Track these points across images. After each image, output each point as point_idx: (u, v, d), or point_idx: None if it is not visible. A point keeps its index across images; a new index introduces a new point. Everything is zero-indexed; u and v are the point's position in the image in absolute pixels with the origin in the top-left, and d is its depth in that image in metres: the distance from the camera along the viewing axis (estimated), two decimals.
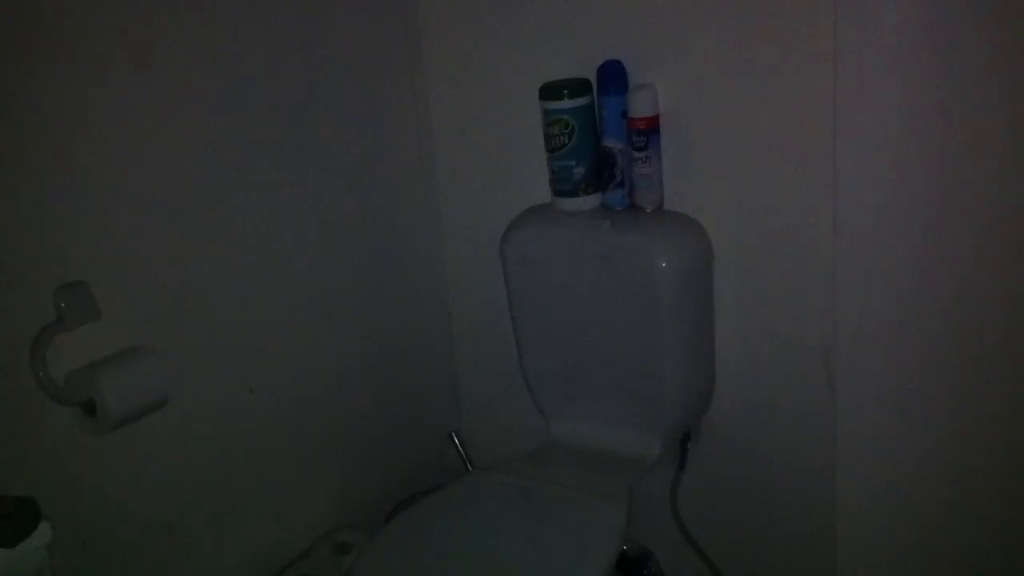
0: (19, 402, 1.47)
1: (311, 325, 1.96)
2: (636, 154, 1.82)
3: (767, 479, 1.98)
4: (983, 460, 1.71)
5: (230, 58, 1.74)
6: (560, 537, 1.72)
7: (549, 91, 1.84)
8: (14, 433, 1.47)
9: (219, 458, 1.80)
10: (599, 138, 1.85)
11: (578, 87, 1.83)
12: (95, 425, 1.51)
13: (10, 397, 1.47)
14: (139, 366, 1.55)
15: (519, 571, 1.65)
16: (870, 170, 1.65)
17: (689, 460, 2.01)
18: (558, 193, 1.90)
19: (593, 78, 1.84)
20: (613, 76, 1.81)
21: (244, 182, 1.79)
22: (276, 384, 1.89)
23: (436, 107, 2.15)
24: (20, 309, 1.47)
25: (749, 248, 1.84)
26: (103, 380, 1.49)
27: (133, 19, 1.57)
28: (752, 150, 1.78)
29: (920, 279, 1.66)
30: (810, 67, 1.67)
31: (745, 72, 1.74)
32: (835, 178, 1.68)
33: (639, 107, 1.79)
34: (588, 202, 1.89)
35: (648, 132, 1.80)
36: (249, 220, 1.80)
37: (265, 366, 1.87)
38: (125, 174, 1.59)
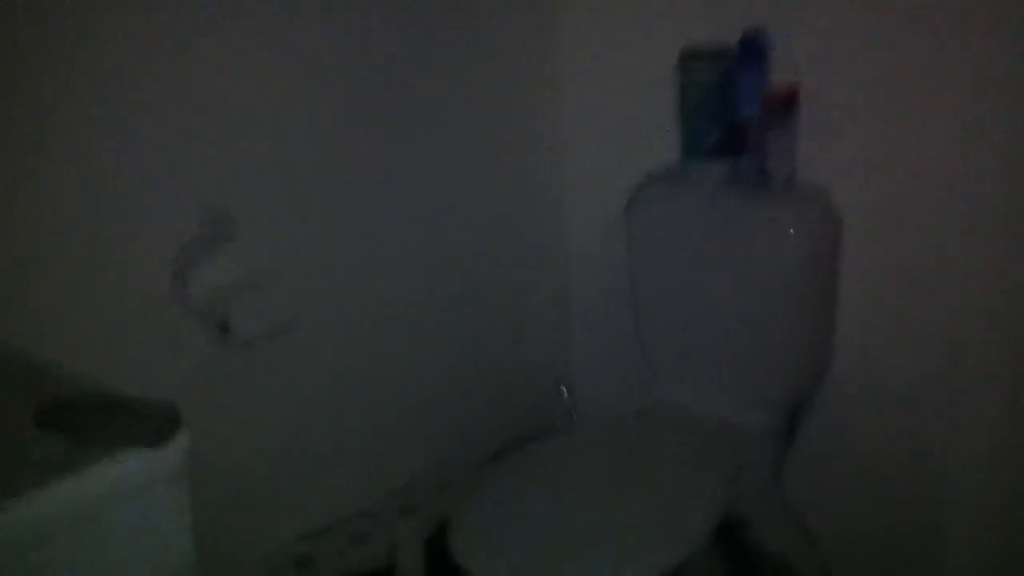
0: (159, 316, 1.56)
1: (434, 270, 2.01)
2: (772, 125, 1.80)
3: (875, 461, 1.96)
4: None
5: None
6: (661, 500, 1.73)
7: (689, 56, 1.84)
8: (153, 346, 1.56)
9: (337, 386, 1.87)
10: (735, 106, 1.84)
11: (719, 54, 1.82)
12: (229, 344, 1.59)
13: (151, 312, 1.55)
14: (273, 290, 1.62)
15: (616, 530, 1.66)
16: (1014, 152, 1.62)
17: (798, 434, 2.01)
18: (689, 158, 1.90)
19: (734, 45, 1.83)
20: (755, 45, 1.80)
21: (377, 119, 1.84)
22: (397, 320, 1.95)
23: (570, 63, 2.16)
24: (163, 227, 1.55)
25: (881, 226, 1.81)
26: (239, 300, 1.57)
27: None
28: (892, 127, 1.75)
29: None
30: (956, 43, 1.63)
31: (888, 49, 1.71)
32: (972, 160, 1.65)
33: (779, 77, 1.78)
34: (718, 170, 1.88)
35: (786, 103, 1.79)
36: (380, 159, 1.86)
37: (388, 303, 1.93)
38: (268, 108, 1.66)
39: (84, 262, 1.46)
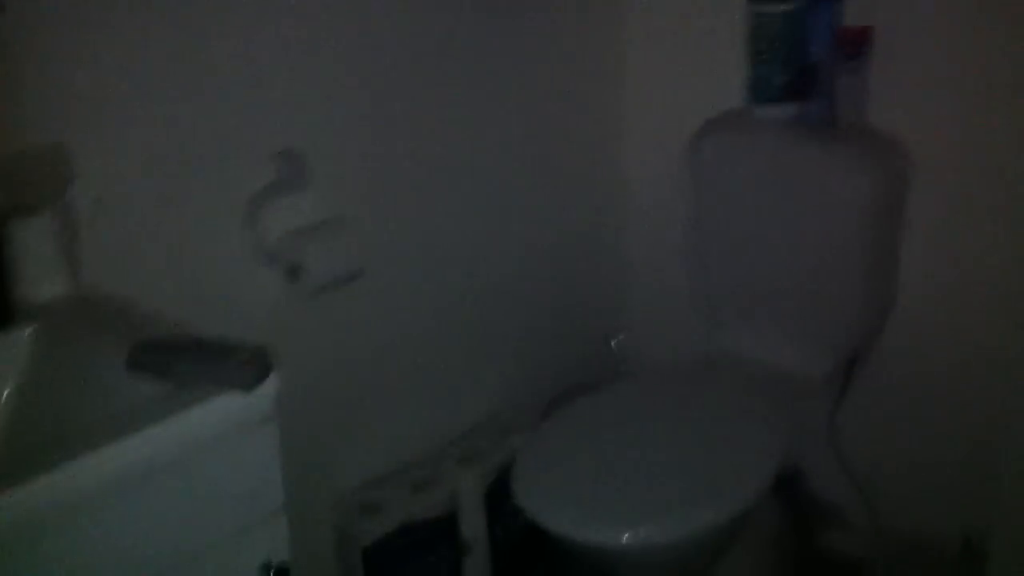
0: (232, 260, 1.55)
1: (494, 217, 2.00)
2: (842, 66, 1.77)
3: (931, 412, 1.94)
4: None
5: None
6: (722, 450, 1.72)
7: None
8: (225, 289, 1.55)
9: (399, 333, 1.86)
10: (805, 46, 1.80)
11: None
12: (297, 290, 1.58)
13: (225, 255, 1.55)
14: (342, 237, 1.61)
15: (677, 480, 1.65)
16: None
17: (853, 383, 1.99)
18: (756, 100, 1.87)
19: None
20: None
21: (446, 66, 1.82)
22: (457, 270, 1.95)
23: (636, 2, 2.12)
24: (238, 173, 1.53)
25: (951, 173, 1.78)
26: (309, 247, 1.55)
27: None
28: (966, 71, 1.72)
29: None
30: None
31: None
32: None
33: (852, 17, 1.74)
34: (787, 111, 1.85)
35: (858, 44, 1.75)
36: (447, 106, 1.84)
37: (448, 252, 1.92)
38: (344, 56, 1.65)
39: (159, 207, 1.45)
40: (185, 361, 1.07)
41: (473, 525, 1.88)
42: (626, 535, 1.55)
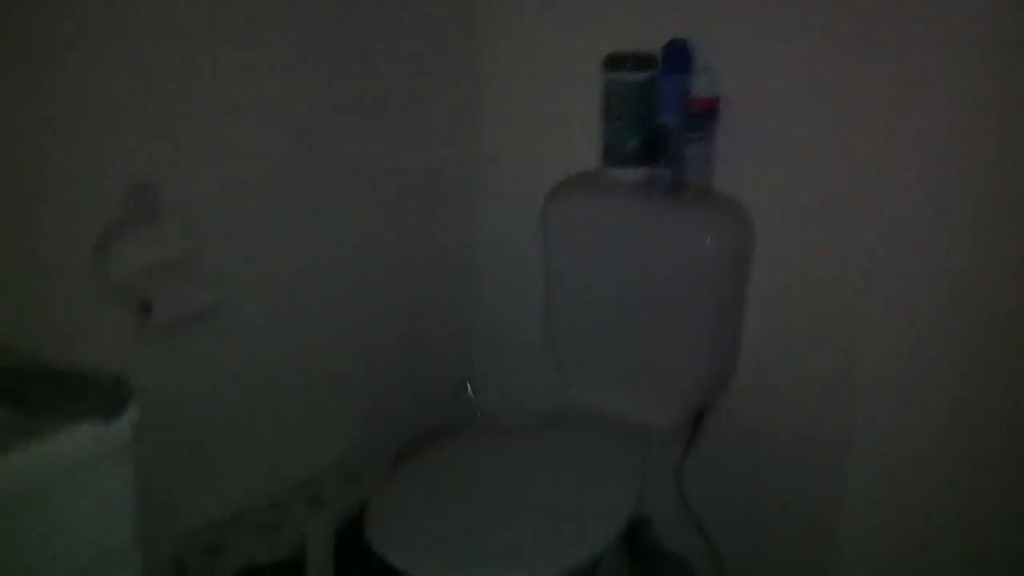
0: (80, 296, 1.51)
1: (345, 264, 2.01)
2: (691, 134, 1.86)
3: (775, 464, 2.03)
4: (992, 458, 1.77)
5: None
6: (570, 498, 1.76)
7: (614, 61, 1.88)
8: (73, 326, 1.50)
9: (250, 374, 1.84)
10: (656, 113, 1.89)
11: (643, 61, 1.87)
12: (148, 326, 1.54)
13: (72, 291, 1.50)
14: (194, 274, 1.59)
15: (529, 527, 1.67)
16: (917, 175, 1.72)
17: (700, 434, 2.06)
18: (608, 163, 1.94)
19: (659, 54, 1.88)
20: (679, 54, 1.86)
21: (302, 110, 1.84)
22: (311, 314, 1.94)
23: (491, 62, 2.19)
24: (86, 207, 1.50)
25: (790, 238, 1.89)
26: (159, 282, 1.53)
27: None
28: (807, 144, 1.83)
29: (954, 281, 1.72)
30: (872, 68, 1.73)
31: (806, 65, 1.80)
32: (886, 181, 1.74)
33: (701, 88, 1.84)
34: (637, 175, 1.93)
35: (706, 114, 1.85)
36: (302, 149, 1.86)
37: (300, 293, 1.92)
38: (196, 87, 1.64)
39: (5, 241, 1.41)
40: (42, 390, 1.04)
41: (320, 569, 1.85)
42: None
